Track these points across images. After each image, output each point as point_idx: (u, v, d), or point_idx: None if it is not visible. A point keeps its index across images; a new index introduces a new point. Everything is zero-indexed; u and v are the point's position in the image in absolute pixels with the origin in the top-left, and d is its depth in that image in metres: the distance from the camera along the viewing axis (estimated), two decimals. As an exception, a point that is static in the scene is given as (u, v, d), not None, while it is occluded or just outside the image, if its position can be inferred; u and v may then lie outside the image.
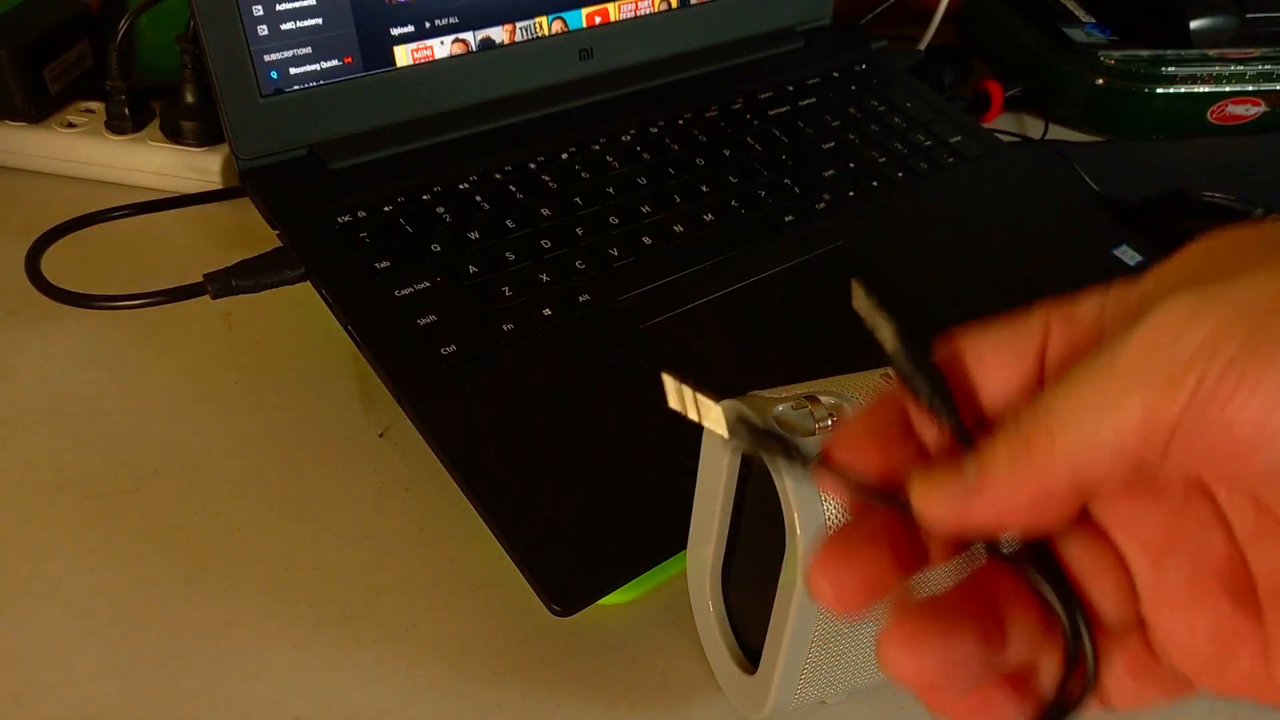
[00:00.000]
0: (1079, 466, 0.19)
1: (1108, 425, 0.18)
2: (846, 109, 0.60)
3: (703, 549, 0.34)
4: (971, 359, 0.21)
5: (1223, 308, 0.17)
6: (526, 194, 0.50)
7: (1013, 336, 0.21)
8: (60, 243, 0.50)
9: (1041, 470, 0.19)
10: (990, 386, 0.21)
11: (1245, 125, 0.71)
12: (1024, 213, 0.55)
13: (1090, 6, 0.74)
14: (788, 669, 0.31)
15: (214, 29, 0.46)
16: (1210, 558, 0.20)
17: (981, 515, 0.20)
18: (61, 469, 0.43)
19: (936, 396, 0.21)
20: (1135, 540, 0.21)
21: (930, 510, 0.20)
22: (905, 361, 0.21)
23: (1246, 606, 0.20)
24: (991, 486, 0.20)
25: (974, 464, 0.20)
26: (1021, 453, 0.19)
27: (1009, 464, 0.20)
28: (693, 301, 0.46)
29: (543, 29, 0.55)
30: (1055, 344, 0.21)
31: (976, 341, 0.22)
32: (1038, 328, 0.21)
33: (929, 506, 0.20)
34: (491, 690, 0.36)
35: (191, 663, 0.36)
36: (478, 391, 0.41)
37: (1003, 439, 0.20)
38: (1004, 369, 0.21)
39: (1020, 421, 0.20)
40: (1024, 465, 0.19)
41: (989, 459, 0.20)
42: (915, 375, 0.21)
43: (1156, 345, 0.18)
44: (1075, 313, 0.21)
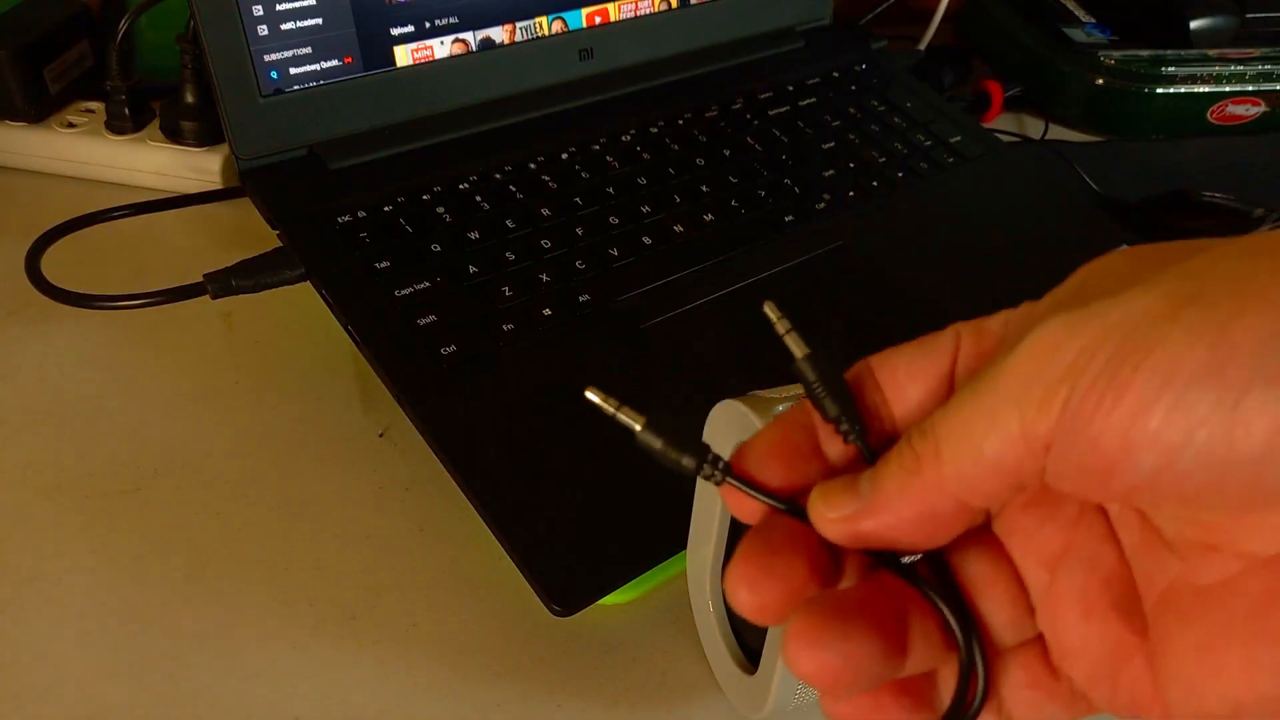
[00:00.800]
0: (963, 482, 0.19)
1: (988, 442, 0.18)
2: (846, 109, 0.60)
3: (703, 549, 0.35)
4: (884, 375, 0.22)
5: (1095, 324, 0.18)
6: (526, 194, 0.50)
7: (925, 352, 0.22)
8: (60, 243, 0.50)
9: (928, 486, 0.20)
10: (901, 401, 0.22)
11: (1245, 125, 0.71)
12: (1024, 213, 0.55)
13: (1090, 6, 0.74)
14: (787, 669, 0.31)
15: (214, 29, 0.46)
16: (1101, 571, 0.21)
17: (872, 529, 0.20)
18: (61, 469, 0.43)
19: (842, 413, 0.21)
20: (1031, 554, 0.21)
21: (824, 523, 0.21)
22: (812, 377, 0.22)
23: (1135, 620, 0.20)
24: (881, 501, 0.20)
25: (868, 480, 0.21)
26: (911, 468, 0.20)
27: (899, 480, 0.20)
28: (693, 301, 0.46)
29: (543, 29, 0.55)
30: (965, 357, 0.21)
31: (890, 358, 0.22)
32: (948, 343, 0.21)
33: (823, 519, 0.21)
34: (491, 690, 0.36)
35: (191, 663, 0.36)
36: (478, 391, 0.41)
37: (895, 455, 0.20)
38: (915, 383, 0.21)
39: (911, 438, 0.20)
40: (913, 481, 0.20)
41: (881, 475, 0.20)
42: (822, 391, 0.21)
43: (1032, 362, 0.18)
44: (984, 327, 0.21)
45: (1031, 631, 0.22)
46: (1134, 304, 0.18)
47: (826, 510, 0.21)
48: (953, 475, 0.19)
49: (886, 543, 0.21)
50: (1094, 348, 0.17)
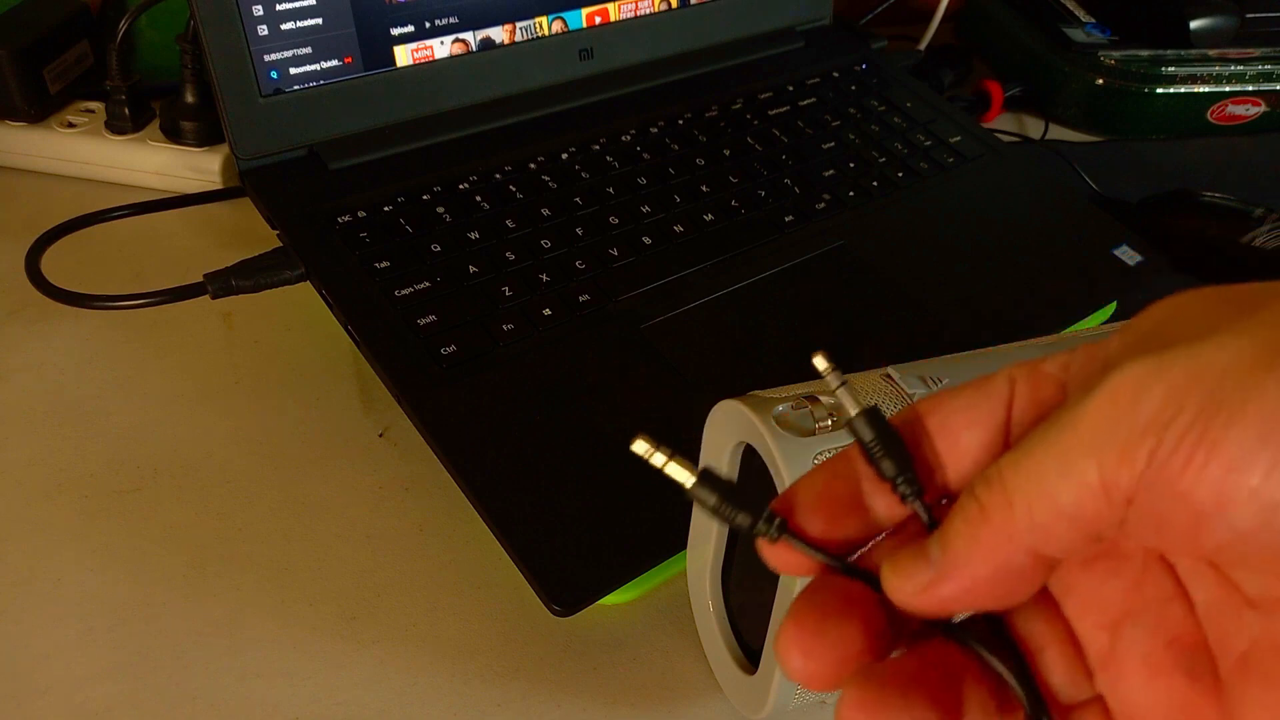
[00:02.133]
0: (1036, 532, 0.18)
1: (1064, 491, 0.18)
2: (846, 109, 0.60)
3: (703, 549, 0.35)
4: (935, 423, 0.21)
5: (1180, 371, 0.17)
6: (526, 194, 0.50)
7: (978, 399, 0.21)
8: (60, 243, 0.50)
9: (1000, 538, 0.19)
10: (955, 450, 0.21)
11: (1245, 125, 0.71)
12: (1024, 213, 0.55)
13: (1090, 6, 0.74)
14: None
15: (214, 29, 0.46)
16: (1168, 630, 0.20)
17: (951, 594, 0.19)
18: (61, 469, 0.43)
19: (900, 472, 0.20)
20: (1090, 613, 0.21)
21: (901, 594, 0.20)
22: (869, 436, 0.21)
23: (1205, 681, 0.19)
24: (954, 562, 0.19)
25: (937, 542, 0.20)
26: (979, 523, 0.19)
27: (966, 537, 0.19)
28: (693, 301, 0.46)
29: (543, 29, 0.55)
30: (1021, 403, 0.20)
31: (942, 404, 0.21)
32: (1003, 388, 0.21)
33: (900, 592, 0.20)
34: (491, 690, 0.36)
35: (191, 663, 0.36)
36: (478, 391, 0.41)
37: (960, 511, 0.19)
38: (968, 431, 0.21)
39: (976, 490, 0.19)
40: (983, 534, 0.19)
41: (948, 534, 0.19)
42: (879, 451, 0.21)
43: (1112, 410, 0.17)
44: (1039, 371, 0.20)
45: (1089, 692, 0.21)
46: (1222, 352, 0.17)
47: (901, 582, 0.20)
48: (1025, 526, 0.18)
49: (965, 607, 0.20)
50: (1181, 397, 0.17)
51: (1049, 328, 0.47)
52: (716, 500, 0.21)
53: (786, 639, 0.20)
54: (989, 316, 0.48)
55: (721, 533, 0.33)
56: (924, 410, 0.21)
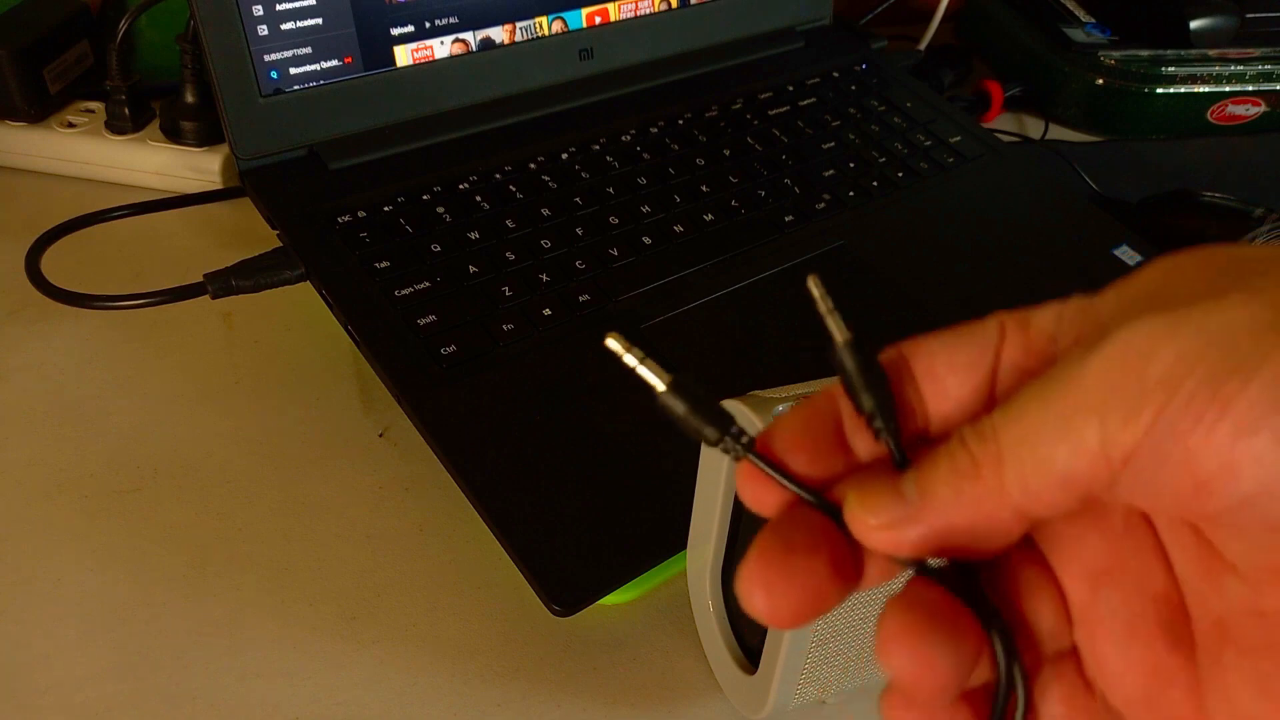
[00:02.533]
0: (1027, 493, 0.18)
1: (1060, 452, 0.17)
2: (846, 109, 0.60)
3: (703, 549, 0.35)
4: (921, 363, 0.20)
5: (1191, 332, 0.16)
6: (526, 194, 0.50)
7: (966, 342, 0.20)
8: (60, 243, 0.50)
9: (986, 494, 0.18)
10: (939, 393, 0.20)
11: (1245, 125, 0.71)
12: (1024, 213, 0.55)
13: (1090, 6, 0.74)
14: (788, 669, 0.31)
15: (214, 29, 0.46)
16: (1147, 590, 0.19)
17: (919, 537, 0.19)
18: (61, 469, 0.43)
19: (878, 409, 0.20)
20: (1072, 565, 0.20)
21: (865, 529, 0.19)
22: (850, 365, 0.20)
23: (1181, 644, 0.19)
24: (932, 508, 0.19)
25: (914, 483, 0.19)
26: (967, 474, 0.18)
27: (952, 486, 0.19)
28: (693, 301, 0.46)
29: (543, 29, 0.55)
30: (1009, 353, 0.20)
31: (928, 345, 0.21)
32: (992, 334, 0.20)
33: (863, 524, 0.19)
34: (491, 690, 0.36)
35: (191, 663, 0.36)
36: (478, 391, 0.41)
37: (946, 459, 0.19)
38: (955, 375, 0.20)
39: (966, 441, 0.19)
40: (968, 488, 0.18)
41: (930, 478, 0.19)
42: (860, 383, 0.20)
43: (1119, 369, 0.17)
44: (1031, 321, 0.20)
45: (1068, 643, 0.21)
46: (1236, 312, 0.16)
47: (868, 515, 0.19)
48: (1016, 484, 0.18)
49: (932, 551, 0.19)
50: (1193, 357, 0.16)
51: (1049, 328, 0.47)
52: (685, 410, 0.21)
53: (749, 574, 0.19)
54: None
55: (722, 533, 0.33)
56: (909, 350, 0.21)
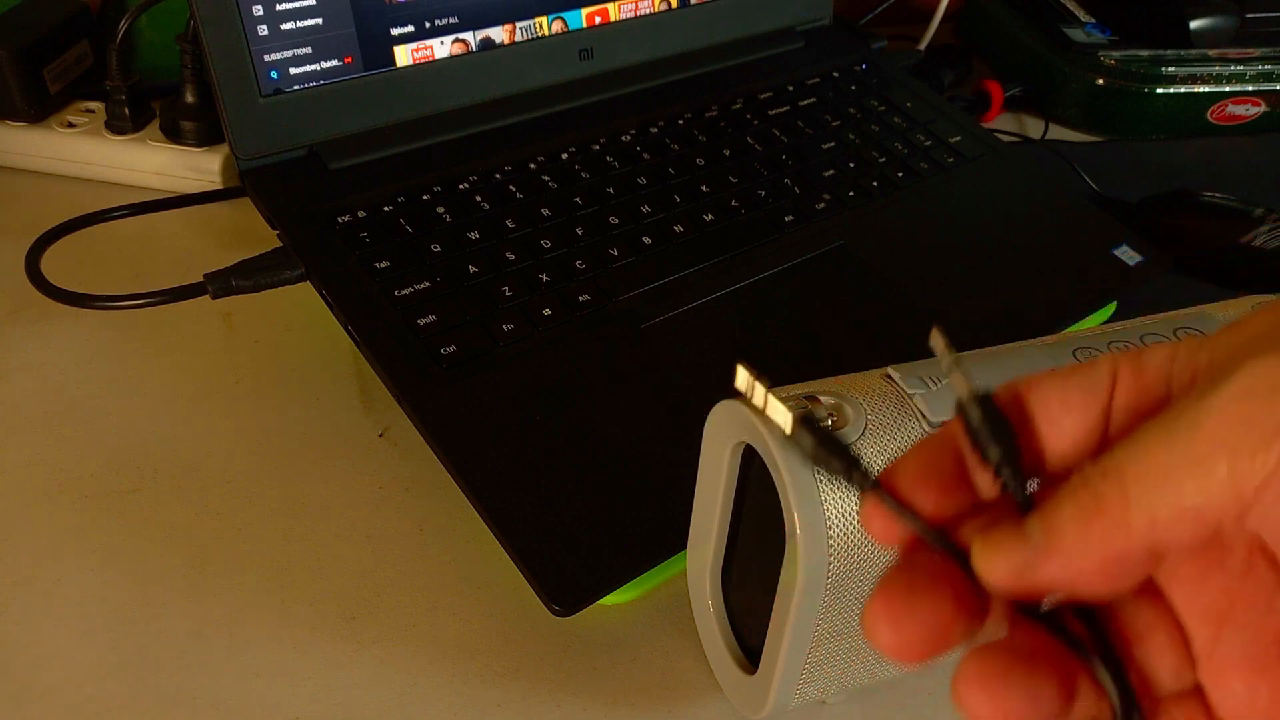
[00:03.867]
0: (1155, 528, 0.18)
1: (1190, 488, 0.18)
2: (846, 109, 0.60)
3: (703, 549, 0.35)
4: (1037, 402, 0.21)
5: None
6: (526, 194, 0.50)
7: (1079, 382, 0.21)
8: (60, 243, 0.50)
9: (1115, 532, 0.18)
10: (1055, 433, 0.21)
11: (1245, 125, 0.71)
12: (1024, 213, 0.55)
13: (1090, 6, 0.74)
14: (788, 669, 0.31)
15: (214, 29, 0.46)
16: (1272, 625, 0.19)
17: (1048, 579, 0.19)
18: (61, 469, 0.43)
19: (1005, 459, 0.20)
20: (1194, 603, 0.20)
21: (993, 572, 0.20)
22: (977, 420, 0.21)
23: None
24: (1060, 548, 0.19)
25: (1040, 525, 0.19)
26: (1093, 513, 0.19)
27: (1078, 525, 0.19)
28: (693, 301, 0.46)
29: (543, 29, 0.55)
30: (1122, 394, 0.20)
31: (1043, 385, 0.21)
32: (1105, 376, 0.20)
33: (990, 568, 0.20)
34: (491, 690, 0.36)
35: (191, 663, 0.36)
36: (478, 391, 0.41)
37: (1070, 498, 0.19)
38: (1069, 415, 0.20)
39: (1089, 480, 0.19)
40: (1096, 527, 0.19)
41: (1055, 519, 0.19)
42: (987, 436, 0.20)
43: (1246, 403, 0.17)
44: (1144, 363, 0.20)
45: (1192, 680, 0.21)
46: None
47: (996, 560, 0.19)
48: (1143, 520, 0.18)
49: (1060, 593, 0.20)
50: None
51: (1049, 328, 0.47)
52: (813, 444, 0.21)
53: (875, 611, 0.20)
54: (989, 316, 0.48)
55: (721, 533, 0.33)
56: (1025, 388, 0.21)
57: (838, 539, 0.27)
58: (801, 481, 0.27)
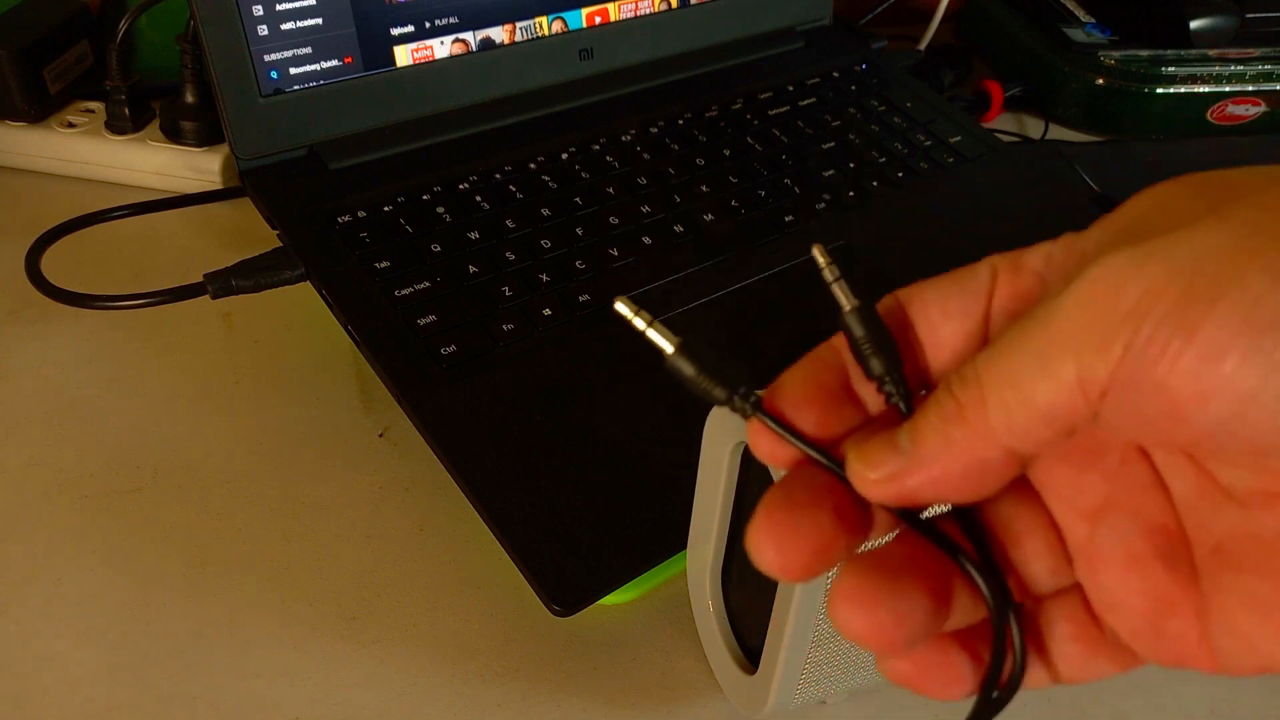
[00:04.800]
0: (1012, 431, 0.18)
1: (1040, 389, 0.17)
2: (846, 109, 0.60)
3: (703, 549, 0.34)
4: (918, 312, 0.21)
5: (1158, 264, 0.17)
6: (526, 194, 0.50)
7: (959, 288, 0.21)
8: (60, 243, 0.50)
9: (975, 437, 0.19)
10: (935, 342, 0.21)
11: (1245, 125, 0.71)
12: (1024, 213, 0.55)
13: (1090, 6, 0.74)
14: (788, 669, 0.31)
15: (214, 29, 0.46)
16: (1145, 520, 0.20)
17: (917, 486, 0.19)
18: (61, 469, 0.43)
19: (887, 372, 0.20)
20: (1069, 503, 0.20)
21: (865, 483, 0.20)
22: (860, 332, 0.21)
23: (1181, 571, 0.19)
24: (924, 456, 0.19)
25: (908, 433, 0.19)
26: (954, 419, 0.19)
27: (941, 432, 0.19)
28: (693, 301, 0.46)
29: (543, 29, 0.55)
30: (1001, 295, 0.20)
31: (923, 294, 0.21)
32: (985, 278, 0.20)
33: (863, 480, 0.20)
34: (491, 690, 0.36)
35: (191, 663, 0.36)
36: (478, 391, 0.41)
37: (934, 406, 0.19)
38: (949, 322, 0.21)
39: (951, 386, 0.19)
40: (957, 432, 0.19)
41: (922, 428, 0.19)
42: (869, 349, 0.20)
43: (1090, 304, 0.17)
44: (1022, 262, 0.20)
45: (1070, 579, 0.21)
46: (1204, 239, 0.16)
47: (866, 470, 0.20)
48: (1001, 424, 0.18)
49: (932, 499, 0.20)
50: (1160, 288, 0.16)
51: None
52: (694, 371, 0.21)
53: (758, 531, 0.20)
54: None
55: (721, 533, 0.33)
56: (905, 298, 0.21)
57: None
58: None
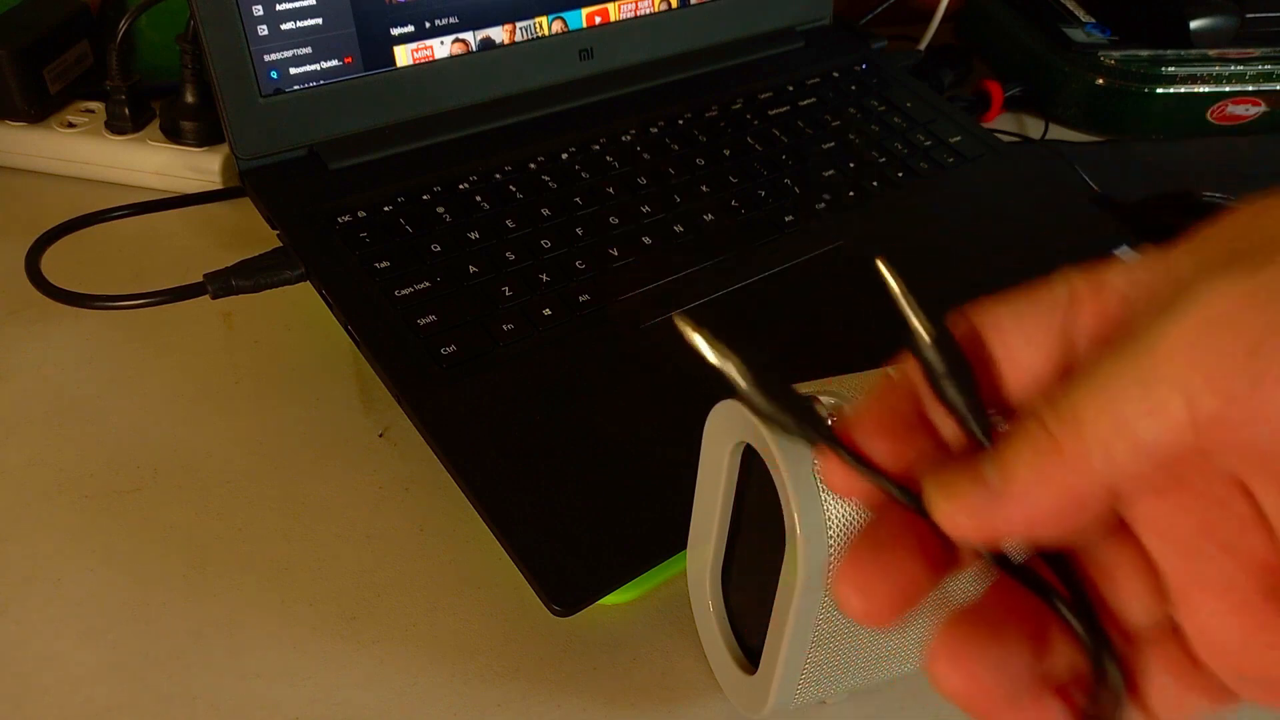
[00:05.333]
0: (1113, 467, 0.17)
1: (1145, 423, 0.17)
2: (846, 109, 0.60)
3: (703, 549, 0.34)
4: (992, 334, 0.20)
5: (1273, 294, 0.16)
6: (526, 194, 0.50)
7: (1036, 309, 0.20)
8: (60, 243, 0.50)
9: (1071, 472, 0.17)
10: (1014, 367, 0.19)
11: (1245, 125, 0.71)
12: (1024, 213, 0.55)
13: (1090, 6, 0.74)
14: (788, 669, 0.31)
15: (214, 29, 0.46)
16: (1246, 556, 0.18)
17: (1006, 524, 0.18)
18: (61, 469, 0.43)
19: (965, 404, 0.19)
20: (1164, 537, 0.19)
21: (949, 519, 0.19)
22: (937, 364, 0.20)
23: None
24: (1016, 492, 0.18)
25: (995, 466, 0.18)
26: (1049, 453, 0.18)
27: (1034, 466, 0.18)
28: (693, 302, 0.46)
29: (543, 29, 0.55)
30: (1083, 316, 0.19)
31: (999, 316, 0.20)
32: (1062, 297, 0.19)
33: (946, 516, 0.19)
34: (491, 690, 0.36)
35: (191, 663, 0.36)
36: (478, 392, 0.41)
37: (1026, 439, 0.18)
38: (1028, 345, 0.19)
39: (1045, 418, 0.18)
40: (1052, 467, 0.18)
41: (1012, 461, 0.18)
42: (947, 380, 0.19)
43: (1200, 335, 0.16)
44: (1104, 281, 0.19)
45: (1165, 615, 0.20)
46: None
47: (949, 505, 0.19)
48: (1101, 458, 0.17)
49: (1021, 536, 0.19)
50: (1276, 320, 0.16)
51: (1049, 328, 0.47)
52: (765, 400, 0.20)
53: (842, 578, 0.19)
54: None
55: (722, 533, 0.33)
56: (980, 319, 0.20)
57: (837, 539, 0.27)
58: (801, 481, 0.27)
